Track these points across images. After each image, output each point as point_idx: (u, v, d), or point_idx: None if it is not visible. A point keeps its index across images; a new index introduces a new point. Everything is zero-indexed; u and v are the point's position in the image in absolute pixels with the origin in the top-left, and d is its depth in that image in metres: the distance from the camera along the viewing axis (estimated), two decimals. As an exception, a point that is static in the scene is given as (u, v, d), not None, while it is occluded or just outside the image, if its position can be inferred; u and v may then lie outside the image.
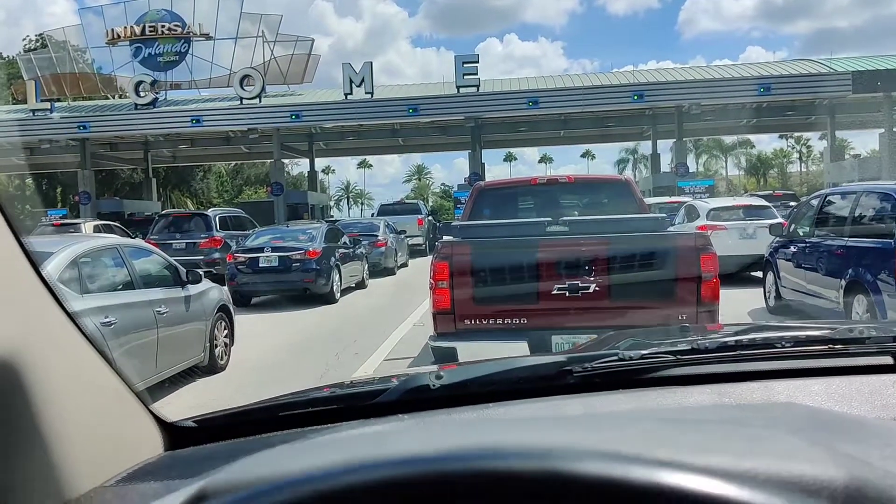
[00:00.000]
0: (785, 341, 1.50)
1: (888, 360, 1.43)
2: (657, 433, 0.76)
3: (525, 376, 1.42)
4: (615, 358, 1.42)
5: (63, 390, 1.03)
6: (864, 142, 72.40)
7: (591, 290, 5.70)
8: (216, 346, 8.34)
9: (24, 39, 57.25)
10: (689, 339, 1.58)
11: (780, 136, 77.19)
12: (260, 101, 34.11)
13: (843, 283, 8.46)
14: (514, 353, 5.54)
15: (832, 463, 0.68)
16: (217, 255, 18.28)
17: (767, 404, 1.21)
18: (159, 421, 1.28)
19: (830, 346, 1.49)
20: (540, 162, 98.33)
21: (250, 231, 18.30)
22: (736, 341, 1.53)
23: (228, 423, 1.36)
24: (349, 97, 33.20)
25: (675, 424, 0.86)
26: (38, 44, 46.62)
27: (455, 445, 0.69)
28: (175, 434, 1.29)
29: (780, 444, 0.75)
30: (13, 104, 40.08)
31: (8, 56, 55.54)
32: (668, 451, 0.67)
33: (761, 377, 1.37)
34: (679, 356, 1.44)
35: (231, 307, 9.09)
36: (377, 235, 20.48)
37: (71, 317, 1.11)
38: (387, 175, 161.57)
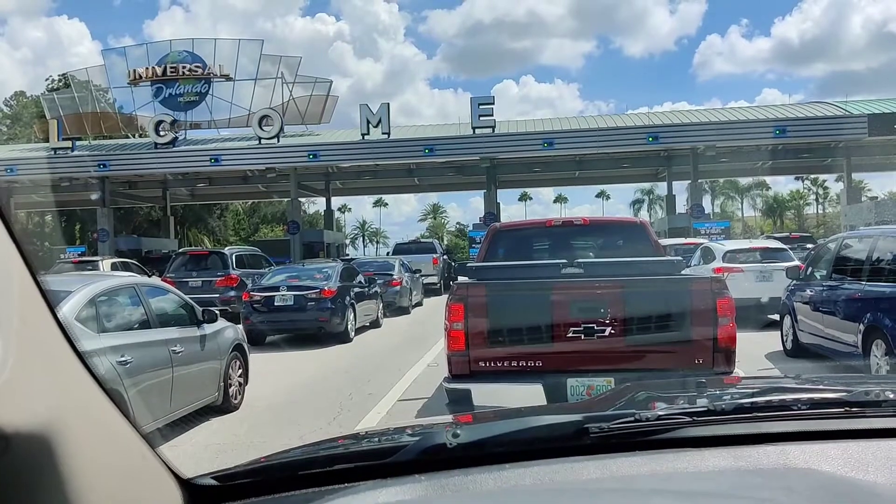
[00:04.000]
0: (801, 403, 1.51)
1: None
2: None
3: (542, 436, 1.42)
4: (631, 419, 1.42)
5: (89, 456, 1.04)
6: (881, 184, 72.27)
7: (606, 333, 5.68)
8: (230, 386, 8.34)
9: (47, 79, 58.37)
10: (705, 397, 1.58)
11: (797, 178, 76.89)
12: (278, 141, 34.49)
13: (862, 327, 8.36)
14: (529, 395, 5.52)
15: None
16: (233, 293, 18.34)
17: (784, 470, 1.20)
18: (178, 478, 1.28)
19: (847, 408, 1.49)
20: (555, 202, 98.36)
21: (266, 269, 18.37)
22: (752, 403, 1.53)
23: (247, 482, 1.37)
24: (366, 137, 33.52)
25: (690, 500, 0.85)
26: (61, 83, 47.52)
27: None
28: (194, 492, 1.29)
29: None
30: (36, 143, 40.71)
31: (32, 95, 56.61)
32: None
33: (777, 440, 1.37)
34: (695, 417, 1.44)
35: (246, 346, 9.10)
36: (392, 274, 20.51)
37: (96, 379, 1.12)
38: (402, 214, 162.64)
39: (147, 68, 36.51)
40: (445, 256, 32.19)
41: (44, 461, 0.96)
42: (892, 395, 1.57)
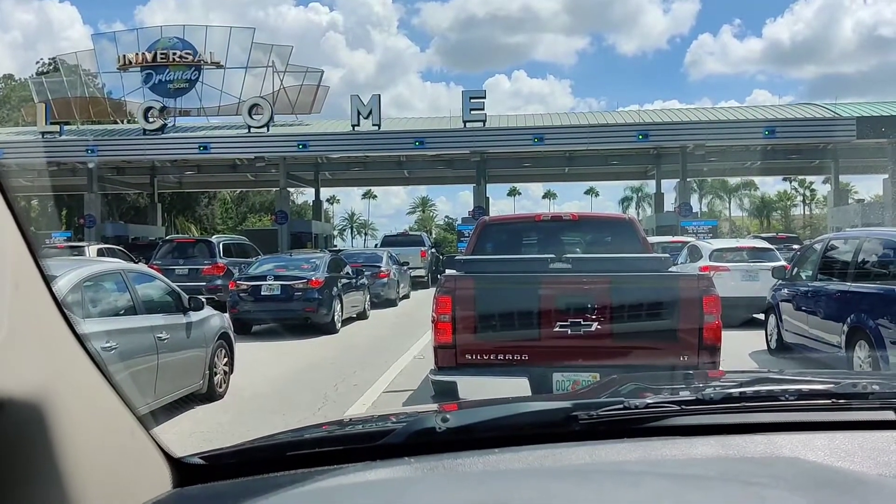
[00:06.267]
0: (789, 394, 1.52)
1: (890, 415, 1.45)
2: (663, 492, 0.76)
3: (530, 422, 1.42)
4: (620, 406, 1.43)
5: (80, 427, 1.04)
6: (868, 186, 72.45)
7: (592, 329, 5.69)
8: (215, 374, 8.31)
9: (37, 62, 57.88)
10: (694, 387, 1.59)
11: (784, 179, 77.29)
12: (268, 130, 34.34)
13: (846, 327, 8.43)
14: (514, 389, 5.53)
15: None
16: (220, 281, 18.29)
17: (771, 458, 1.21)
18: (168, 457, 1.28)
19: (834, 400, 1.50)
20: (544, 198, 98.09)
21: (253, 259, 18.34)
22: (740, 393, 1.54)
23: (235, 461, 1.37)
24: (356, 128, 33.42)
25: (680, 482, 0.86)
26: (51, 67, 47.10)
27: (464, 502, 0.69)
28: (183, 470, 1.30)
29: None
30: (24, 126, 40.36)
31: (21, 78, 56.12)
32: None
33: (765, 429, 1.38)
34: (683, 406, 1.45)
35: (232, 335, 9.07)
36: (380, 266, 20.49)
37: (89, 352, 1.12)
38: (391, 206, 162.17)
39: (137, 54, 36.25)
40: (433, 250, 32.18)
41: (35, 428, 0.96)
42: (878, 388, 1.59)
